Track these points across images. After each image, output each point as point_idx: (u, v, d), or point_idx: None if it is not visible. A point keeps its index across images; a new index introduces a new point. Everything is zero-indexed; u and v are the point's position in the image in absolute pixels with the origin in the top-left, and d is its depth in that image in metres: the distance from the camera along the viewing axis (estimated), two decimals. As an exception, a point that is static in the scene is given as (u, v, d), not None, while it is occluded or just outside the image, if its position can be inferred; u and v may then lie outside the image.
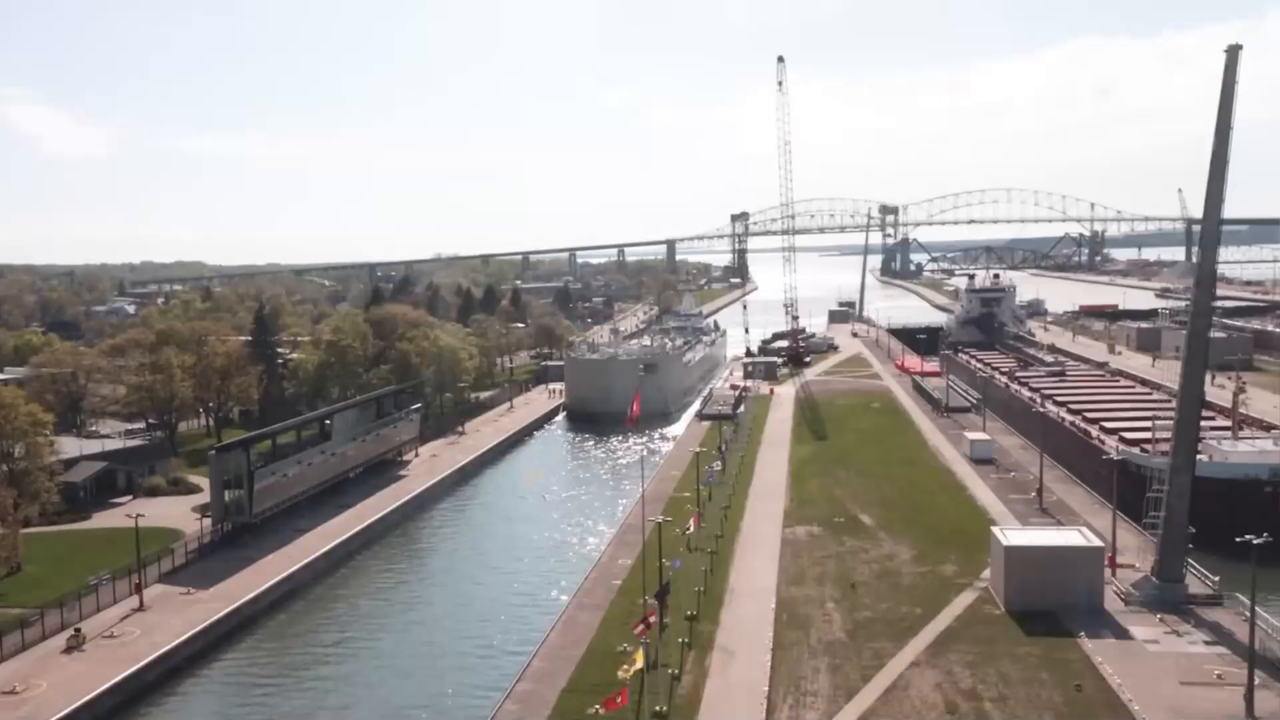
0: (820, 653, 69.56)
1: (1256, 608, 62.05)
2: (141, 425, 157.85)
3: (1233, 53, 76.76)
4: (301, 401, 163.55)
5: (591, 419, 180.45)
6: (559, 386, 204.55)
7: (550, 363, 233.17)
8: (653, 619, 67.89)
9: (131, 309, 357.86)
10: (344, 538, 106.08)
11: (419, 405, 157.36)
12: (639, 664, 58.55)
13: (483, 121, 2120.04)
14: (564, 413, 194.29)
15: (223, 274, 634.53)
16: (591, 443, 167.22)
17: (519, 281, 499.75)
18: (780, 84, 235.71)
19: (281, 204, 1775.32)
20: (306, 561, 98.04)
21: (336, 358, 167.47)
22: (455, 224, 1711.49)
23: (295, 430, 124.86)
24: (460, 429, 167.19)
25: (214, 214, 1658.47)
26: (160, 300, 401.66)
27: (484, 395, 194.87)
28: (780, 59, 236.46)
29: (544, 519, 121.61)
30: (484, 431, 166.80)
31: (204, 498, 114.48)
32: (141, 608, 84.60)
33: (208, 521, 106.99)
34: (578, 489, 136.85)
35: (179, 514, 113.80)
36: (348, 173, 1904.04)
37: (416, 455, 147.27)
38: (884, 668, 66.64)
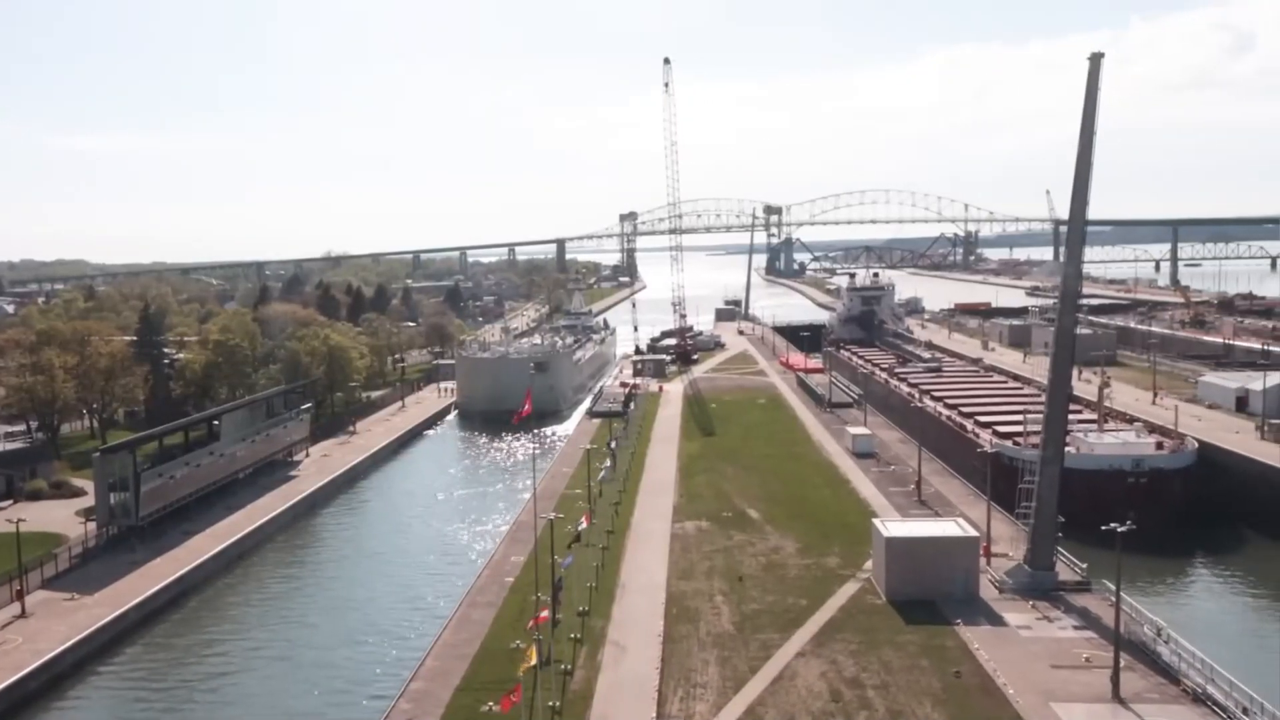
0: (709, 645, 70.17)
1: (1121, 593, 64.09)
2: (22, 428, 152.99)
3: (1095, 61, 78.86)
4: (189, 402, 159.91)
5: (483, 417, 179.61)
6: (450, 385, 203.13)
7: (442, 361, 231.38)
8: (545, 615, 67.96)
9: (10, 308, 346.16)
10: (234, 539, 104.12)
11: (309, 405, 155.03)
12: (532, 660, 58.57)
13: (369, 120, 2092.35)
14: (455, 411, 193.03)
15: (106, 273, 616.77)
16: (483, 441, 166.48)
17: (410, 280, 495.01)
18: (667, 85, 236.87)
19: (167, 202, 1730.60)
20: (195, 564, 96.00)
21: (224, 358, 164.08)
22: (345, 223, 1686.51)
23: (183, 431, 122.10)
24: (351, 428, 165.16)
25: (96, 212, 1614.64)
26: (41, 300, 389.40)
27: (375, 394, 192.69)
28: (666, 60, 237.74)
29: (436, 518, 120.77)
30: (375, 431, 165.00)
31: (88, 501, 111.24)
32: (23, 614, 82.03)
33: (92, 525, 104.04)
34: (470, 488, 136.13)
35: (62, 518, 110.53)
36: (234, 171, 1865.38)
37: (307, 455, 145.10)
38: (771, 658, 67.44)
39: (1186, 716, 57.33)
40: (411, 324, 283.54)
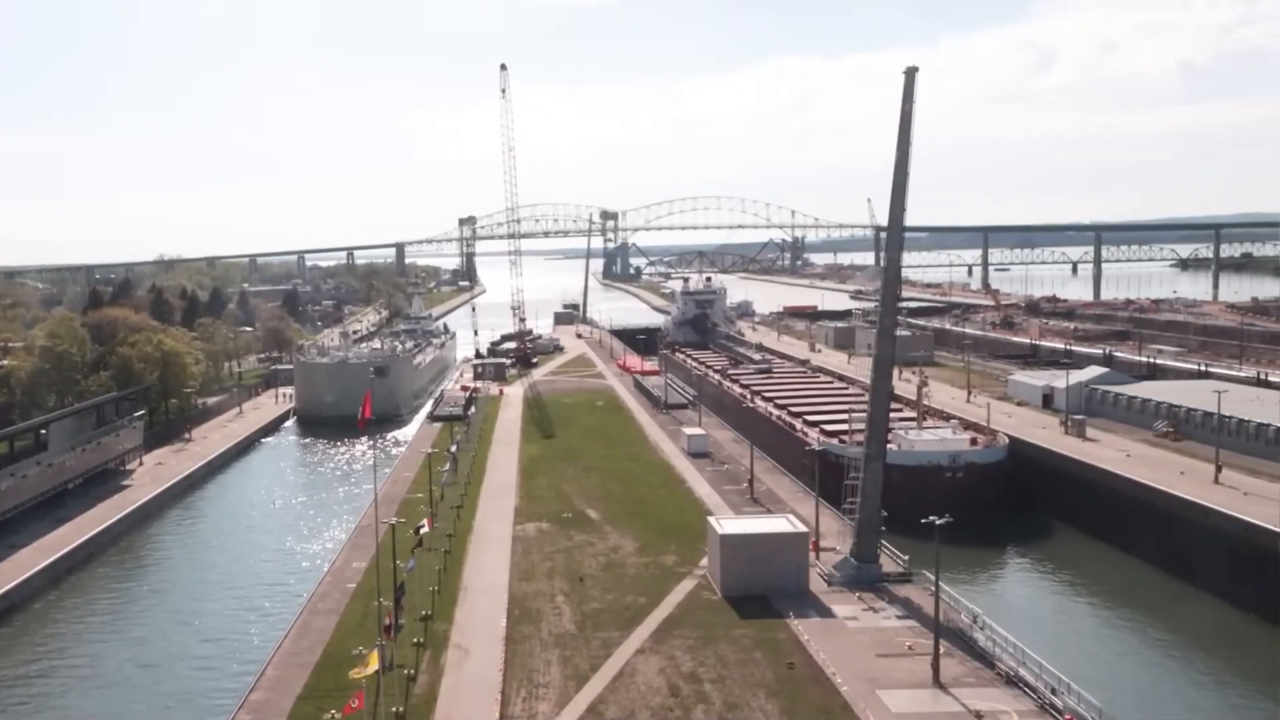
0: (551, 645, 70.09)
1: (940, 583, 66.12)
2: None
3: (910, 75, 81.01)
4: (14, 410, 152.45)
5: (323, 423, 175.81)
6: (289, 391, 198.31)
7: (280, 366, 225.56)
8: (388, 621, 66.95)
9: None
10: (64, 552, 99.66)
11: (143, 412, 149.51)
12: (374, 666, 57.58)
13: (203, 122, 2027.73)
14: (294, 417, 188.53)
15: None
16: (323, 447, 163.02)
17: (246, 284, 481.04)
18: (504, 91, 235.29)
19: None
20: (21, 580, 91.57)
21: (52, 364, 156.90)
22: (179, 226, 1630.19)
23: (8, 441, 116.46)
24: (187, 435, 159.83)
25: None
26: None
27: (212, 400, 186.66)
28: (503, 67, 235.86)
29: (275, 526, 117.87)
30: (212, 438, 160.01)
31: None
32: None
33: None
34: (310, 494, 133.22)
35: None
36: (61, 172, 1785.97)
37: (141, 464, 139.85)
38: (611, 656, 67.72)
39: (1000, 698, 59.52)
40: (248, 329, 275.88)
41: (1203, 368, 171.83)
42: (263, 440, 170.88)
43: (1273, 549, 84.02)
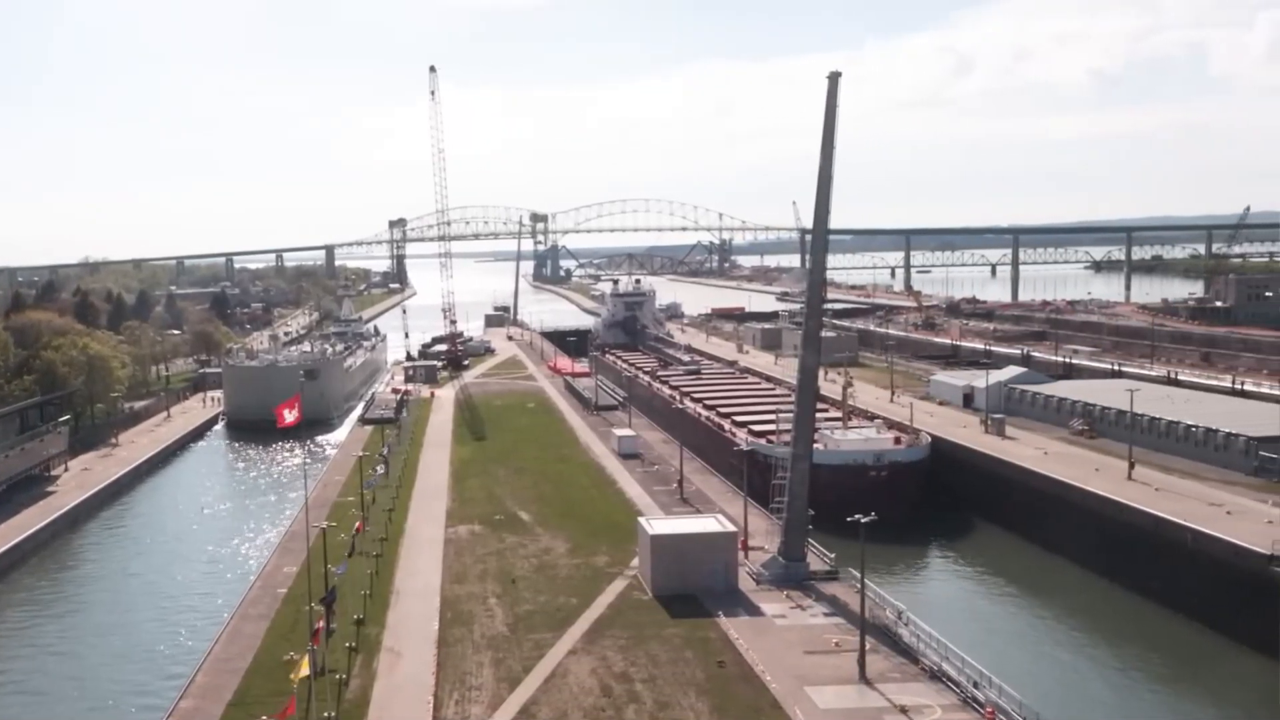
0: (484, 647, 69.69)
1: (865, 580, 66.76)
2: None
3: (833, 79, 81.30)
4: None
5: (252, 427, 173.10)
6: (218, 394, 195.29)
7: (208, 370, 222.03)
8: (319, 625, 66.20)
9: None
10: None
11: (68, 417, 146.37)
12: (305, 671, 56.92)
13: (130, 122, 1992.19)
14: (224, 421, 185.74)
15: None
16: (253, 451, 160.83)
17: (174, 287, 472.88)
18: (433, 93, 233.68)
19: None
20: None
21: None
22: (105, 228, 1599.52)
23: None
24: (114, 440, 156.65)
25: None
26: None
27: (139, 405, 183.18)
28: (432, 69, 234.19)
29: (205, 531, 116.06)
30: (140, 443, 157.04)
31: None
32: None
33: None
34: (239, 499, 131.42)
35: None
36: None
37: (66, 469, 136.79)
38: (544, 657, 67.46)
39: (924, 693, 60.18)
40: (176, 332, 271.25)
41: (1116, 367, 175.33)
42: (191, 445, 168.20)
43: (1183, 544, 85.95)
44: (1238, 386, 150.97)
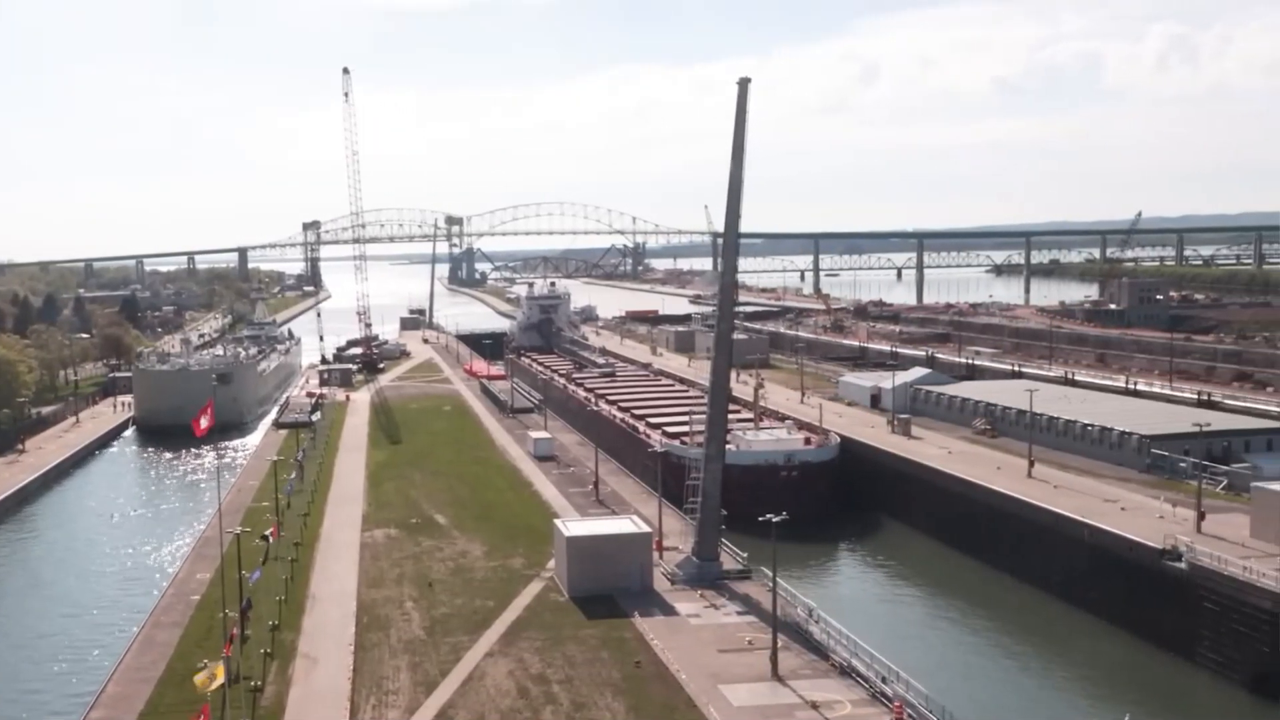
0: (401, 651, 69.02)
1: (777, 579, 67.33)
2: None
3: (743, 85, 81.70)
4: None
5: (164, 432, 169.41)
6: (128, 399, 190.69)
7: (119, 374, 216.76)
8: (234, 632, 65.06)
9: None
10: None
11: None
12: (220, 679, 55.92)
13: (34, 121, 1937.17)
14: (134, 426, 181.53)
15: None
16: (165, 457, 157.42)
17: (82, 290, 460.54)
18: (347, 95, 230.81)
19: None
20: None
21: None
22: (10, 230, 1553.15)
23: None
24: (20, 446, 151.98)
25: None
26: None
27: (47, 410, 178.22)
28: (346, 70, 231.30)
29: (116, 538, 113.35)
30: (48, 449, 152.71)
31: None
32: None
33: None
34: (151, 506, 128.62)
35: None
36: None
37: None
38: (461, 660, 67.04)
39: (835, 689, 60.88)
40: (85, 335, 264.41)
41: (1016, 368, 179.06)
42: (101, 450, 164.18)
43: (1080, 539, 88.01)
44: (1131, 386, 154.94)
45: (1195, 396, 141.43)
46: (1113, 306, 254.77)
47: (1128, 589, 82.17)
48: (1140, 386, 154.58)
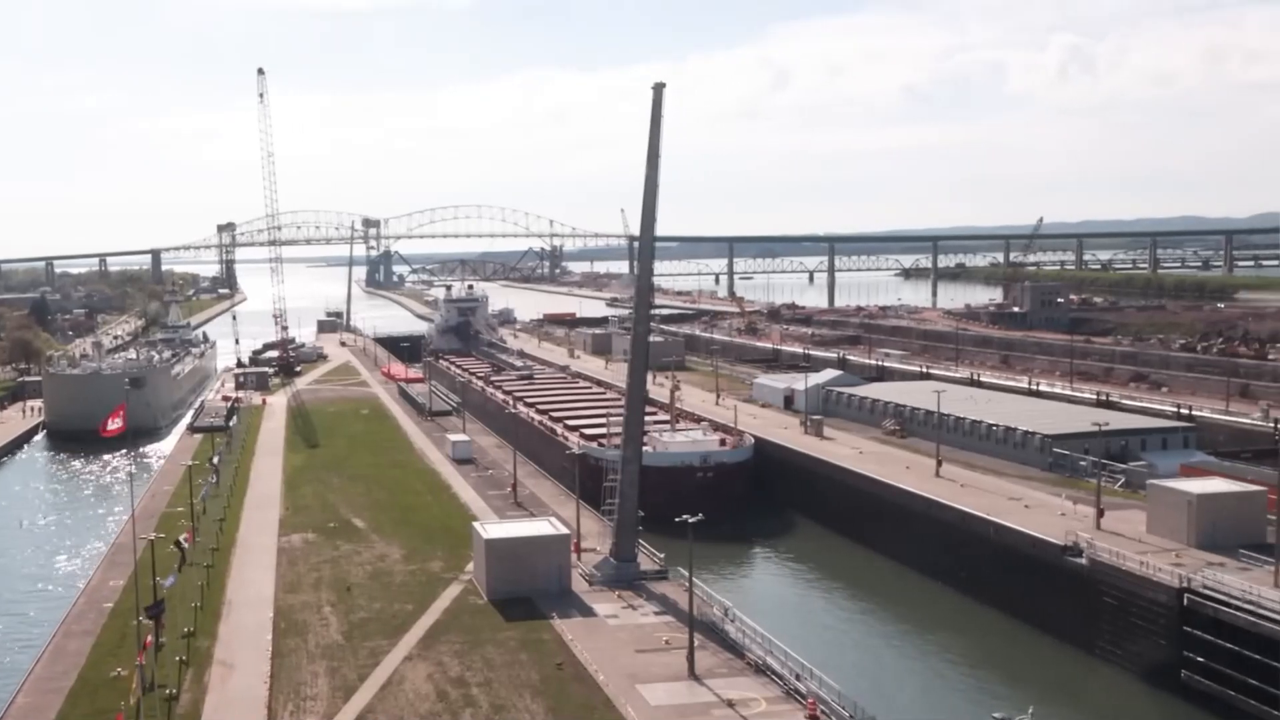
0: (319, 656, 68.04)
1: (694, 579, 67.51)
2: None
3: (658, 90, 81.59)
4: None
5: (75, 437, 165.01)
6: (38, 404, 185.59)
7: (28, 379, 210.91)
8: (150, 640, 63.63)
9: None
10: None
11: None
12: (134, 688, 54.69)
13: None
14: (44, 431, 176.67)
15: None
16: (76, 462, 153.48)
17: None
18: (261, 96, 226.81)
19: None
20: None
21: None
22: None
23: None
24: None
25: None
26: None
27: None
28: (260, 71, 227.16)
29: (24, 547, 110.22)
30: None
31: None
32: None
33: None
34: (62, 512, 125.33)
35: None
36: None
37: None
38: (380, 664, 66.28)
39: (750, 686, 61.28)
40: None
41: (924, 370, 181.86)
42: (9, 456, 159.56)
43: (986, 536, 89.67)
44: (1033, 387, 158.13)
45: (1094, 397, 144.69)
46: (1016, 310, 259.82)
47: (1031, 584, 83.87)
48: (1042, 387, 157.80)
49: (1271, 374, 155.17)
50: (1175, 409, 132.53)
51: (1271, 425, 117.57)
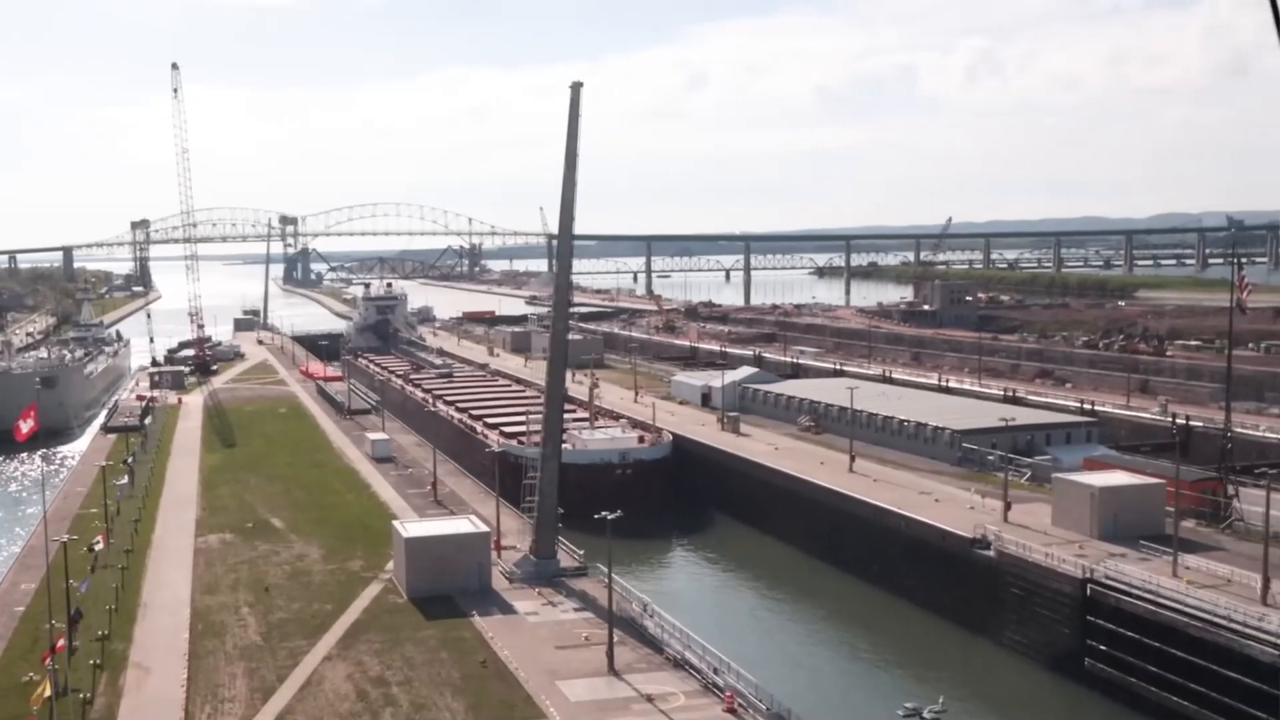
0: (236, 658, 66.93)
1: (613, 575, 67.67)
2: None
3: (575, 89, 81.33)
4: None
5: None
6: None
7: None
8: (61, 644, 62.01)
9: None
10: None
11: None
12: (46, 693, 53.27)
13: None
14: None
15: None
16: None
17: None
18: (176, 91, 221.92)
19: None
20: None
21: None
22: None
23: None
24: None
25: None
26: None
27: None
28: (175, 66, 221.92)
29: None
30: None
31: None
32: None
33: None
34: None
35: None
36: None
37: None
38: (299, 665, 65.39)
39: (669, 681, 61.54)
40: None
41: (838, 366, 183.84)
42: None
43: (898, 530, 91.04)
44: (943, 384, 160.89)
45: (1001, 393, 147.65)
46: (926, 307, 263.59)
47: (942, 577, 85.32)
48: (952, 384, 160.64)
49: (1170, 370, 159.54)
50: (1079, 404, 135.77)
51: (1170, 420, 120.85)
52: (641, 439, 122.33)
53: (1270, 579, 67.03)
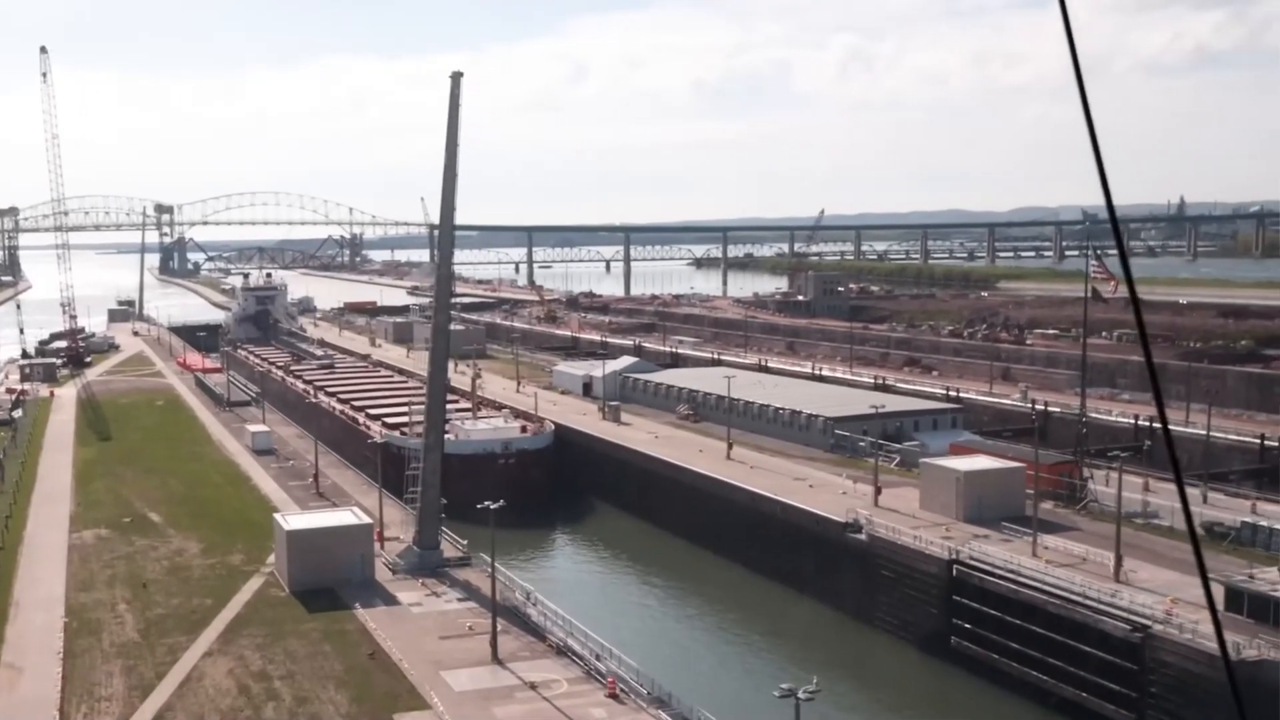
0: (113, 656, 64.89)
1: (497, 564, 67.42)
2: None
3: (456, 80, 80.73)
4: None
5: None
6: None
7: None
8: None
9: None
10: None
11: None
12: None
13: None
14: None
15: None
16: None
17: None
18: (45, 75, 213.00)
19: None
20: None
21: None
22: None
23: None
24: None
25: None
26: None
27: None
28: (43, 49, 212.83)
29: None
30: None
31: None
32: None
33: None
34: None
35: None
36: None
37: None
38: (179, 661, 63.74)
39: (552, 668, 61.62)
40: None
41: (716, 356, 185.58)
42: None
43: (774, 515, 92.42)
44: (817, 372, 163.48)
45: (872, 381, 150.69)
46: (800, 298, 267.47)
47: (817, 561, 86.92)
48: (825, 372, 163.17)
49: (1029, 358, 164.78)
50: (945, 391, 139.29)
51: (1029, 406, 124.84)
52: (524, 429, 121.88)
53: (1123, 557, 69.87)
